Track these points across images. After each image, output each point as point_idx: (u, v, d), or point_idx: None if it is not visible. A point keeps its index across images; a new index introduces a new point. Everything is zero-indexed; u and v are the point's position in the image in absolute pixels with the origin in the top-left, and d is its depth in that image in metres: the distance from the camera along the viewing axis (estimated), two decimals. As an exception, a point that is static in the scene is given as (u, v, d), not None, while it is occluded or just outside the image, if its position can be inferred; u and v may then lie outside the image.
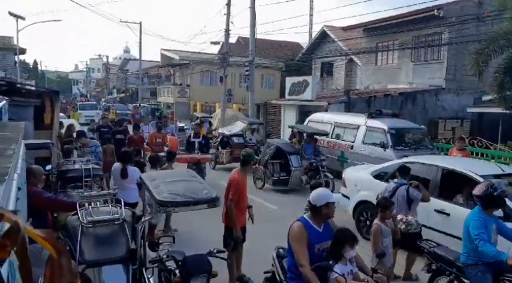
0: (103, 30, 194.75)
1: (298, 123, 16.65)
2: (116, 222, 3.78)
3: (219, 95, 22.18)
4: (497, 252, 4.10)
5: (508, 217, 5.27)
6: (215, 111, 24.30)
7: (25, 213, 3.60)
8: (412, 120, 13.83)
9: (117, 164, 7.07)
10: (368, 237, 5.70)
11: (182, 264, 4.09)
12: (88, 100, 50.36)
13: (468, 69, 12.83)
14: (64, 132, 10.82)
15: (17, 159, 2.91)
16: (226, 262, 4.96)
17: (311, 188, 5.04)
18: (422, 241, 5.28)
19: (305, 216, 3.79)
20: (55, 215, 5.14)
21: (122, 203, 4.02)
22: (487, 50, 11.76)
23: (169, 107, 32.67)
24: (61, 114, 15.12)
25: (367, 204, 7.53)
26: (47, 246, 1.01)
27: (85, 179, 6.09)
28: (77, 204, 3.86)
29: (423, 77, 18.18)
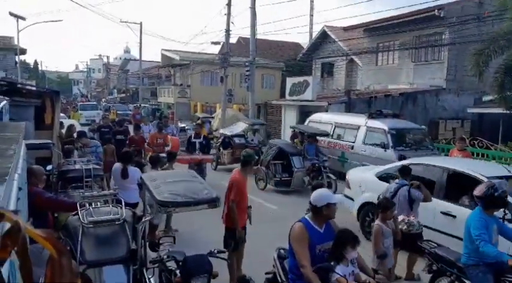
0: (103, 30, 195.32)
1: (298, 123, 16.65)
2: (117, 223, 3.79)
3: (220, 95, 22.18)
4: (498, 253, 4.09)
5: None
6: (215, 111, 24.30)
7: (26, 213, 3.60)
8: (413, 120, 13.83)
9: (117, 164, 7.05)
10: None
11: (183, 264, 4.09)
12: (88, 100, 50.40)
13: (469, 69, 12.83)
14: (65, 132, 10.82)
15: (18, 159, 2.91)
16: (226, 262, 4.96)
17: (312, 189, 5.02)
18: (423, 241, 5.28)
19: (306, 217, 3.78)
20: (56, 215, 5.15)
21: (123, 203, 4.03)
22: (488, 51, 11.76)
23: (169, 107, 32.68)
24: (61, 114, 15.15)
25: (372, 206, 7.34)
26: (48, 246, 1.01)
27: (86, 179, 6.11)
28: (78, 204, 3.86)
29: (424, 77, 18.17)
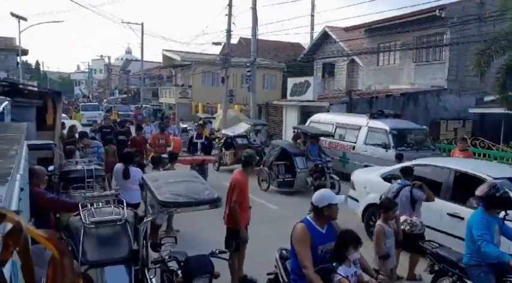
0: (105, 31, 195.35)
1: (299, 123, 16.65)
2: (118, 223, 3.79)
3: (221, 96, 22.18)
4: (500, 253, 4.08)
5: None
6: (216, 111, 24.31)
7: (28, 214, 3.60)
8: (414, 120, 13.82)
9: (119, 165, 7.05)
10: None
11: (184, 265, 4.09)
12: (90, 101, 50.45)
13: (470, 69, 12.82)
14: (66, 133, 10.84)
15: (20, 160, 2.91)
16: (228, 263, 4.96)
17: (315, 189, 5.02)
18: (424, 242, 5.27)
19: (308, 218, 3.77)
20: (57, 216, 5.15)
21: (124, 204, 4.03)
22: (489, 51, 11.74)
23: (171, 108, 32.68)
24: (63, 115, 15.18)
25: (377, 207, 7.29)
26: (50, 247, 1.01)
27: (87, 180, 6.10)
28: (80, 205, 3.87)
29: (425, 78, 18.14)
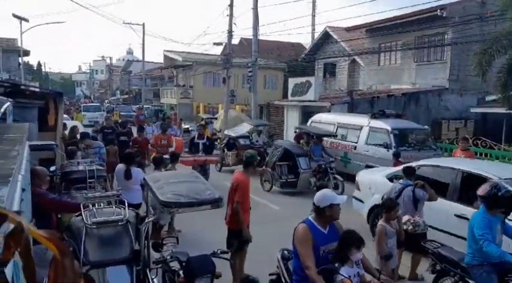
0: (106, 31, 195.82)
1: (301, 123, 16.64)
2: (120, 223, 3.80)
3: (222, 96, 22.19)
4: (502, 253, 4.08)
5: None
6: (218, 112, 24.31)
7: (29, 214, 3.60)
8: (415, 120, 13.81)
9: (120, 165, 7.04)
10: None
11: (186, 265, 4.09)
12: (91, 101, 50.53)
13: (471, 69, 12.81)
14: (68, 133, 10.84)
15: (21, 161, 2.91)
16: (229, 263, 4.96)
17: (317, 190, 5.01)
18: (426, 242, 5.26)
19: (310, 218, 3.75)
20: (59, 216, 5.16)
21: (126, 204, 4.03)
22: (490, 50, 11.74)
23: (172, 108, 32.70)
24: (65, 115, 15.19)
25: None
26: (51, 247, 1.01)
27: (89, 180, 6.11)
28: (81, 205, 3.87)
29: (426, 78, 18.13)
